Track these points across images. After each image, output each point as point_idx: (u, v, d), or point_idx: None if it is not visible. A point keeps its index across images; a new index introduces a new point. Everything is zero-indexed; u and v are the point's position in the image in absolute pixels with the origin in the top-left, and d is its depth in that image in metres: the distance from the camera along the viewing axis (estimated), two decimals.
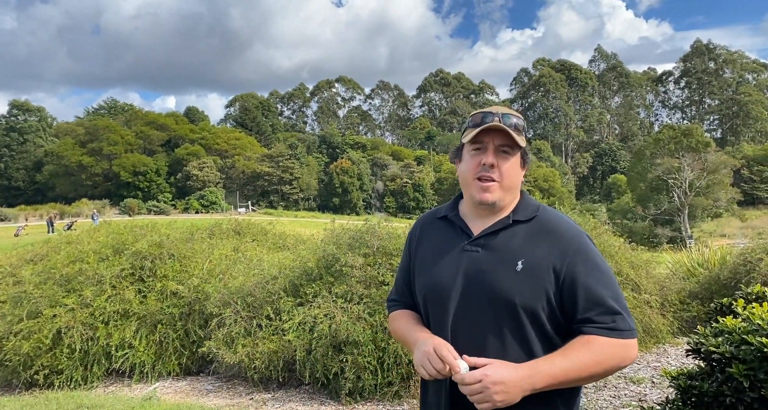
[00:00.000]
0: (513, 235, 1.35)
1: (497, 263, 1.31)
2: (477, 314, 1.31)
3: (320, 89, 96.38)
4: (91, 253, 5.86)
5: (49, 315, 5.02)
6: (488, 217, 1.39)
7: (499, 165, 1.36)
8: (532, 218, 1.37)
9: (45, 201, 56.12)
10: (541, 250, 1.31)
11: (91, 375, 4.98)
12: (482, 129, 1.35)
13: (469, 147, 1.40)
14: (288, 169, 63.72)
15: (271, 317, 4.85)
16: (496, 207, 1.38)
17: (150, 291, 5.47)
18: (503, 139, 1.36)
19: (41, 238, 8.65)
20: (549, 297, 1.28)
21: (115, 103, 77.23)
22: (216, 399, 4.45)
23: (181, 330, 5.27)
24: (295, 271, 5.25)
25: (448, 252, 1.39)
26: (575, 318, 1.29)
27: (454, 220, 1.44)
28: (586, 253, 1.31)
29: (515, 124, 1.38)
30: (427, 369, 1.26)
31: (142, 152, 62.61)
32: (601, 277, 1.30)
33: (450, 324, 1.33)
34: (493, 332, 1.29)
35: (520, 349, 1.28)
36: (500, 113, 1.38)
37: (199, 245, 6.63)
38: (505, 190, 1.37)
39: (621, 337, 1.26)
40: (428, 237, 1.48)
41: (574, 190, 77.66)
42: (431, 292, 1.39)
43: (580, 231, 1.36)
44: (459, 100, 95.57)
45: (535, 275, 1.28)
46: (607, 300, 1.28)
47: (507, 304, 1.28)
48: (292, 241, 8.68)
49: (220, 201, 58.08)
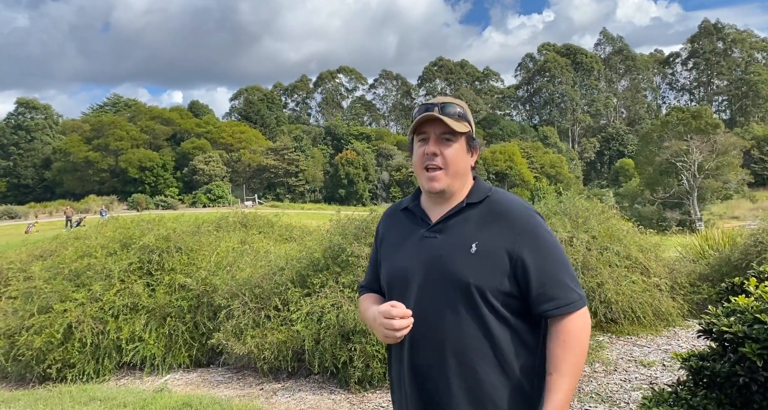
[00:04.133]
0: (467, 219, 1.41)
1: (453, 247, 1.38)
2: (435, 296, 1.37)
3: (323, 80, 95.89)
4: (99, 248, 5.89)
5: (59, 309, 5.06)
6: (444, 204, 1.46)
7: (442, 152, 1.41)
8: (483, 200, 1.43)
9: (54, 198, 56.56)
10: (493, 232, 1.38)
11: (103, 368, 5.03)
12: (419, 121, 1.43)
13: (415, 138, 1.47)
14: (293, 162, 63.70)
15: (279, 308, 4.87)
16: (446, 194, 1.44)
17: (158, 285, 5.51)
18: (443, 128, 1.42)
19: (55, 234, 8.68)
20: (503, 277, 1.35)
21: (119, 99, 77.35)
22: (226, 390, 4.48)
23: (191, 322, 5.30)
24: (302, 262, 5.25)
25: (410, 240, 1.46)
26: (531, 295, 1.35)
27: (414, 211, 1.51)
28: (536, 232, 1.38)
29: (456, 113, 1.43)
30: (385, 331, 1.37)
31: (148, 147, 62.82)
32: (550, 254, 1.37)
33: (411, 306, 1.39)
34: (450, 311, 1.35)
35: (476, 327, 1.34)
36: (440, 103, 1.44)
37: (206, 238, 6.65)
38: (451, 177, 1.42)
39: (577, 308, 1.35)
40: (392, 228, 1.57)
41: (582, 175, 77.13)
42: (394, 277, 1.47)
43: (530, 211, 1.42)
44: (463, 88, 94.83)
45: (488, 256, 1.35)
46: (559, 275, 1.35)
47: (462, 285, 1.34)
48: (299, 233, 8.68)
49: (226, 194, 58.25)
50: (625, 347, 4.91)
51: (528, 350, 1.37)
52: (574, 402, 3.71)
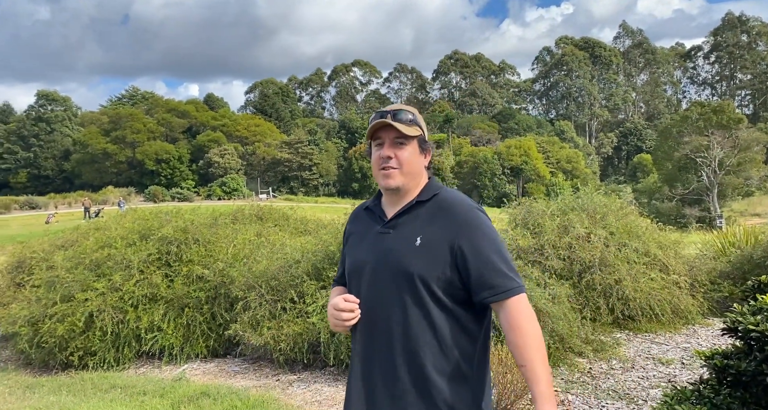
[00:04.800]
0: (416, 216, 1.54)
1: (401, 241, 1.51)
2: (384, 285, 1.49)
3: (337, 74, 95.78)
4: (119, 239, 5.97)
5: (81, 298, 5.16)
6: (399, 203, 1.59)
7: (397, 155, 1.54)
8: (431, 198, 1.55)
9: (73, 189, 57.54)
10: (437, 227, 1.49)
11: (123, 357, 5.13)
12: (373, 127, 1.56)
13: (372, 143, 1.61)
14: (307, 155, 63.89)
15: (295, 300, 4.90)
16: (401, 192, 1.57)
17: (176, 276, 5.58)
18: (396, 133, 1.54)
19: (74, 225, 8.84)
20: (444, 268, 1.45)
21: (136, 92, 78.23)
22: (243, 380, 4.54)
23: (208, 313, 5.37)
24: (318, 255, 5.28)
25: (368, 236, 1.61)
26: (471, 284, 1.45)
27: (374, 210, 1.65)
28: (476, 225, 1.48)
29: (408, 119, 1.56)
30: (333, 321, 1.54)
31: (165, 139, 63.48)
32: (488, 245, 1.47)
33: (362, 295, 1.53)
34: (397, 300, 1.47)
35: (420, 314, 1.45)
36: (392, 110, 1.57)
37: (223, 230, 6.71)
38: (405, 175, 1.55)
39: (515, 294, 1.44)
40: (356, 226, 1.71)
41: (599, 170, 76.14)
42: (352, 269, 1.61)
43: (471, 206, 1.53)
44: (479, 82, 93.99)
45: (431, 249, 1.46)
46: (497, 264, 1.45)
47: (406, 275, 1.46)
48: (313, 226, 8.71)
49: (241, 187, 58.70)
50: (642, 344, 4.86)
51: (469, 336, 1.47)
52: (591, 399, 3.68)
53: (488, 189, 62.80)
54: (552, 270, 5.30)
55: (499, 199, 61.04)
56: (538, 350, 1.40)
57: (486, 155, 63.71)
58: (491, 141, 71.95)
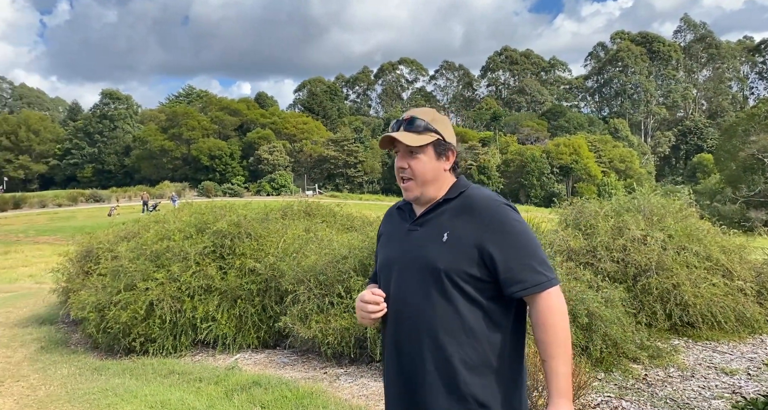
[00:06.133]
0: (443, 213, 1.56)
1: (428, 237, 1.54)
2: (413, 280, 1.53)
3: (384, 72, 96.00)
4: (177, 232, 6.25)
5: (142, 287, 5.44)
6: (427, 203, 1.61)
7: (410, 165, 1.57)
8: (458, 195, 1.57)
9: (133, 183, 60.77)
10: (464, 223, 1.51)
11: (180, 344, 5.37)
12: (381, 140, 1.60)
13: (392, 150, 1.63)
14: (353, 153, 64.51)
15: (342, 295, 4.98)
16: (421, 200, 1.60)
17: (230, 268, 5.78)
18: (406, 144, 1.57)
19: (134, 217, 9.34)
20: (471, 263, 1.47)
21: (192, 90, 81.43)
22: (292, 371, 4.66)
23: (259, 305, 5.54)
24: (364, 251, 5.33)
25: (398, 234, 1.65)
26: (500, 279, 1.46)
27: (404, 209, 1.69)
28: (502, 221, 1.49)
29: (422, 126, 1.57)
30: (361, 313, 1.58)
31: (218, 137, 65.79)
32: (516, 240, 1.47)
33: (392, 290, 1.57)
34: (424, 294, 1.50)
35: (446, 307, 1.47)
36: (406, 119, 1.59)
37: (274, 225, 6.89)
38: (421, 185, 1.57)
39: (544, 288, 1.44)
40: (387, 225, 1.76)
41: (654, 170, 72.77)
42: (381, 266, 1.67)
43: (498, 202, 1.53)
44: (527, 79, 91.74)
45: (458, 245, 1.48)
46: (525, 259, 1.45)
47: (433, 270, 1.48)
48: (359, 223, 8.79)
49: (289, 184, 60.04)
50: (703, 353, 4.62)
51: (500, 331, 1.48)
52: (647, 407, 3.55)
53: (535, 188, 61.33)
54: (605, 272, 5.13)
55: (547, 198, 59.69)
56: (562, 346, 1.41)
57: (534, 154, 62.21)
58: (539, 139, 70.14)
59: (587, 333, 4.21)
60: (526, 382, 1.58)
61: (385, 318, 1.59)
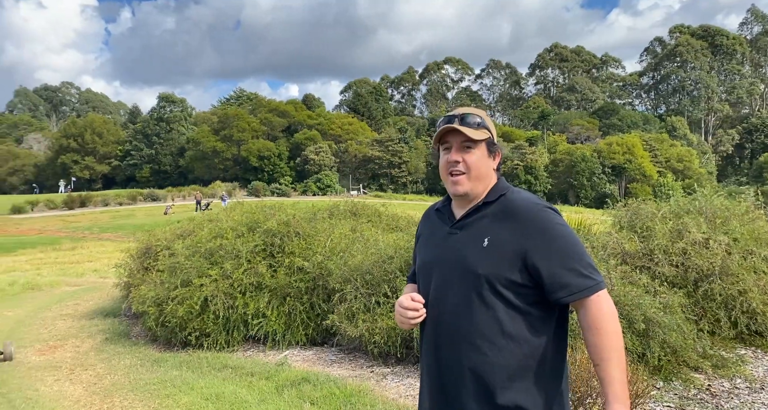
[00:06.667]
0: (483, 216, 1.54)
1: (469, 241, 1.52)
2: (451, 285, 1.52)
3: (429, 72, 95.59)
4: (229, 230, 6.46)
5: (197, 284, 5.66)
6: (468, 205, 1.60)
7: (464, 159, 1.55)
8: (498, 198, 1.55)
9: (186, 183, 63.34)
10: (505, 228, 1.49)
11: (233, 339, 5.56)
12: (441, 131, 1.58)
13: (440, 147, 1.62)
14: (397, 153, 64.65)
15: (388, 295, 4.99)
16: (469, 197, 1.57)
17: (279, 266, 5.93)
18: (463, 137, 1.56)
19: (188, 216, 9.74)
20: (512, 269, 1.44)
21: (242, 93, 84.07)
22: (339, 369, 4.72)
23: (307, 303, 5.66)
24: (410, 252, 5.33)
25: (437, 237, 1.64)
26: (544, 284, 1.43)
27: (443, 211, 1.68)
28: (544, 225, 1.46)
29: (475, 122, 1.57)
30: (399, 318, 1.58)
31: (266, 138, 67.55)
32: (560, 244, 1.44)
33: (430, 294, 1.57)
34: (463, 298, 1.48)
35: (486, 312, 1.45)
36: (460, 114, 1.58)
37: (321, 225, 7.01)
38: (473, 180, 1.56)
39: (592, 293, 1.41)
40: (426, 227, 1.75)
41: (716, 170, 68.86)
42: (420, 269, 1.66)
43: (539, 205, 1.51)
44: (578, 76, 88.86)
45: (499, 250, 1.46)
46: (569, 263, 1.43)
47: (473, 275, 1.46)
48: (404, 223, 8.79)
49: (334, 184, 60.90)
50: None
51: (541, 336, 1.45)
52: None
53: (585, 189, 59.36)
54: (663, 277, 4.90)
55: (598, 199, 57.53)
56: (615, 350, 1.38)
57: (584, 153, 60.23)
58: (590, 138, 67.85)
59: (644, 340, 4.04)
60: (569, 388, 1.55)
61: (423, 321, 1.58)
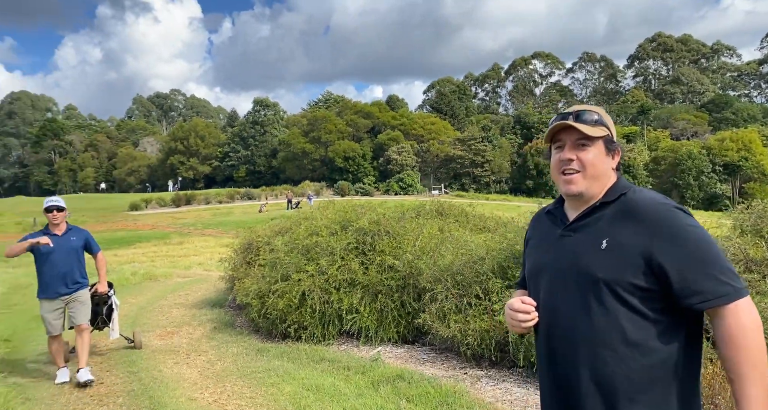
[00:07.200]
0: (601, 217, 1.44)
1: (585, 243, 1.43)
2: (565, 290, 1.44)
3: (515, 68, 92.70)
4: (324, 228, 6.75)
5: (295, 279, 5.98)
6: (582, 206, 1.50)
7: (579, 157, 1.46)
8: (617, 198, 1.44)
9: (278, 182, 66.91)
10: (626, 229, 1.38)
11: (328, 333, 5.80)
12: (553, 129, 1.50)
13: (552, 146, 1.54)
14: (480, 152, 63.47)
15: (480, 296, 4.95)
16: (584, 197, 1.48)
17: (371, 264, 6.09)
18: (578, 134, 1.47)
19: (281, 214, 10.30)
20: (636, 273, 1.34)
21: (330, 96, 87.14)
22: (432, 368, 4.76)
23: (398, 301, 5.75)
24: (503, 253, 5.23)
25: (549, 240, 1.56)
26: (673, 290, 1.32)
27: (555, 213, 1.60)
28: (674, 226, 1.34)
29: (592, 119, 1.48)
30: (510, 321, 1.53)
31: (351, 139, 69.44)
32: (693, 247, 1.32)
33: (542, 299, 1.50)
34: (581, 304, 1.40)
35: (606, 320, 1.36)
36: (575, 111, 1.50)
37: (409, 224, 7.09)
38: (589, 179, 1.46)
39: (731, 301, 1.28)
40: (536, 229, 1.68)
41: None
42: (531, 274, 1.59)
43: (667, 205, 1.39)
44: (684, 67, 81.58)
45: (619, 253, 1.36)
46: (703, 267, 1.30)
47: (591, 280, 1.38)
48: (493, 223, 8.65)
49: (416, 183, 61.17)
50: None
51: (669, 346, 1.34)
52: None
53: (692, 188, 54.42)
54: None
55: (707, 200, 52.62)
56: (754, 365, 1.24)
57: (691, 150, 55.22)
58: (698, 134, 62.10)
59: None
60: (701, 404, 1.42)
61: (536, 328, 1.52)
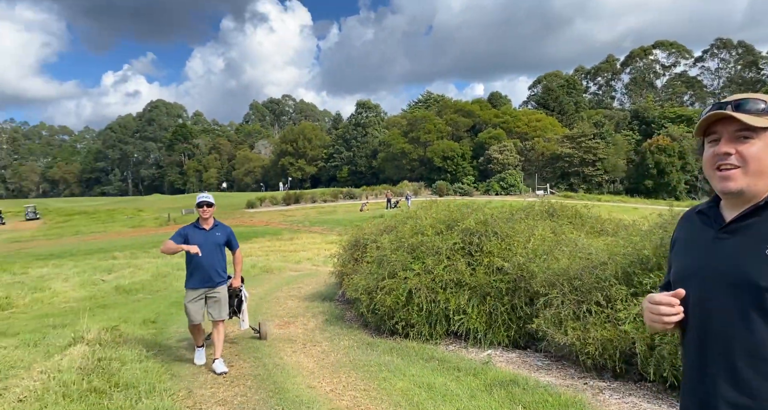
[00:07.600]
0: (765, 219, 1.29)
1: (745, 247, 1.29)
2: (720, 297, 1.30)
3: (633, 58, 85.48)
4: (429, 227, 6.73)
5: (402, 276, 6.02)
6: (742, 206, 1.34)
7: (740, 151, 1.30)
8: None
9: (378, 182, 68.49)
10: None
11: (435, 333, 5.77)
12: (706, 120, 1.34)
13: (705, 140, 1.39)
14: (591, 150, 59.51)
15: (602, 304, 4.62)
16: (745, 196, 1.32)
17: (478, 265, 5.94)
18: (737, 125, 1.31)
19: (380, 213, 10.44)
20: None
21: (430, 96, 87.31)
22: (547, 376, 4.52)
23: (508, 304, 5.55)
24: (627, 258, 4.83)
25: (699, 242, 1.42)
26: None
27: (707, 213, 1.44)
28: None
29: (758, 108, 1.30)
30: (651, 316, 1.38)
31: (450, 138, 68.88)
32: None
33: (690, 306, 1.35)
34: (739, 314, 1.26)
35: None
36: (735, 100, 1.33)
37: (519, 225, 6.82)
38: (751, 176, 1.30)
39: None
40: (685, 230, 1.53)
41: None
42: (678, 278, 1.45)
43: None
44: None
45: None
46: None
47: (752, 288, 1.24)
48: (611, 226, 8.05)
49: (518, 183, 58.99)
50: None
51: None
52: None
53: None
54: None
55: None
56: None
57: None
58: None
59: None
60: None
61: (684, 338, 1.39)
